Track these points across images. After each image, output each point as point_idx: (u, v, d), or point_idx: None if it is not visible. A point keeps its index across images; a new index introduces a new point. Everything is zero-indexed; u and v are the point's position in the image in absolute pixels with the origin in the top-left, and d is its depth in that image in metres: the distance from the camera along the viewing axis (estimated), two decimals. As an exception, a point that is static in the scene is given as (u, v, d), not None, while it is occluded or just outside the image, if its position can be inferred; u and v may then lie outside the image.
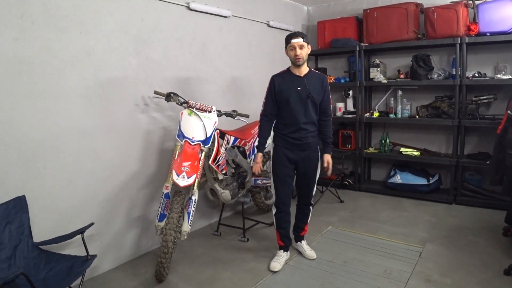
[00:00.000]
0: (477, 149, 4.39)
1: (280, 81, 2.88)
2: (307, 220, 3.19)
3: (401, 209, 4.24)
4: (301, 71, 2.85)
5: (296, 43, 2.74)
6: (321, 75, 2.96)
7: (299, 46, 2.74)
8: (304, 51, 2.77)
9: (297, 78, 2.84)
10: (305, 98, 2.81)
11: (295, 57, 2.77)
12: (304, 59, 2.79)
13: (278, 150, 2.94)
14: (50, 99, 2.56)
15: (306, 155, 2.92)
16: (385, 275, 2.81)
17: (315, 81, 2.86)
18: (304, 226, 3.20)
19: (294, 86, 2.82)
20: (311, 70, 2.91)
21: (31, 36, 2.43)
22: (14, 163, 2.40)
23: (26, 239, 2.34)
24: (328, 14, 5.31)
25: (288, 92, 2.83)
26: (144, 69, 3.18)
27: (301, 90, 2.81)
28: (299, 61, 2.77)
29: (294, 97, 2.82)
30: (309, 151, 2.92)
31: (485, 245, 3.24)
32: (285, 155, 2.91)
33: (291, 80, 2.85)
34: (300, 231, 3.21)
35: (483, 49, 4.25)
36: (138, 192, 3.23)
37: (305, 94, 2.80)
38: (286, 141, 2.90)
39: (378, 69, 4.75)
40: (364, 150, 4.98)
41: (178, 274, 2.93)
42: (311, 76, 2.87)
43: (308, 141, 2.89)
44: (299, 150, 2.90)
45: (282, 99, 2.85)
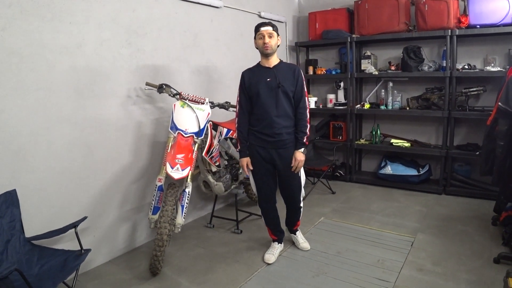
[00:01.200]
0: (466, 140, 4.45)
1: (249, 75, 2.80)
2: (299, 217, 3.13)
3: (392, 199, 4.29)
4: (270, 63, 2.76)
5: (265, 31, 2.66)
6: (293, 65, 2.87)
7: (268, 34, 2.66)
8: (273, 40, 2.67)
9: (267, 70, 2.75)
10: (275, 89, 2.69)
11: (264, 46, 2.66)
12: (273, 48, 2.69)
13: (252, 149, 2.83)
14: (40, 91, 2.50)
15: (281, 153, 2.78)
16: (378, 265, 2.84)
17: (285, 71, 2.76)
18: (296, 222, 3.15)
19: (263, 77, 2.73)
20: (281, 62, 2.82)
21: (20, 26, 2.36)
22: (4, 156, 2.35)
23: (18, 234, 2.30)
24: (319, 5, 5.29)
25: (258, 85, 2.72)
26: (136, 61, 3.13)
27: (270, 81, 2.71)
28: (268, 49, 2.67)
29: (264, 89, 2.71)
30: (285, 149, 2.78)
31: (474, 234, 3.30)
32: (259, 154, 2.80)
33: (260, 72, 2.76)
34: (293, 226, 3.18)
35: (473, 41, 4.29)
36: (131, 184, 3.20)
37: (275, 84, 2.69)
38: (259, 138, 2.78)
39: (369, 60, 4.76)
40: (355, 141, 5.00)
41: (172, 267, 2.93)
42: (281, 67, 2.77)
43: (283, 138, 2.75)
44: (273, 148, 2.77)
45: (253, 93, 2.75)
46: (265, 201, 2.97)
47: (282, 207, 3.10)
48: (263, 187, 2.92)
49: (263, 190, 2.93)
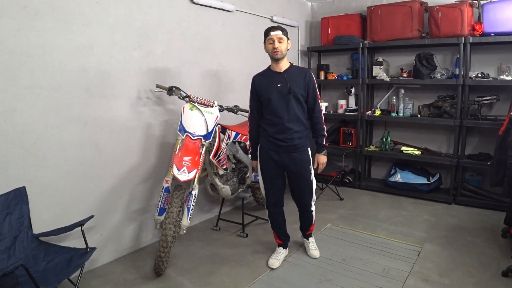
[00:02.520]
0: (478, 149, 4.38)
1: (260, 80, 2.81)
2: (312, 222, 3.10)
3: (400, 208, 4.25)
4: (281, 67, 2.74)
5: (275, 35, 2.64)
6: (304, 69, 2.84)
7: (278, 38, 2.64)
8: (283, 45, 2.66)
9: (277, 75, 2.74)
10: (287, 94, 2.68)
11: (273, 50, 2.65)
12: (283, 53, 2.67)
13: (264, 152, 2.84)
14: (52, 91, 2.55)
15: (293, 157, 2.78)
16: (384, 274, 2.82)
17: (296, 75, 2.74)
18: (309, 227, 3.13)
19: (274, 83, 2.72)
20: (292, 65, 2.80)
21: (34, 27, 2.42)
22: (15, 154, 2.40)
23: (26, 230, 2.35)
24: (332, 10, 5.29)
25: (269, 90, 2.72)
26: (147, 63, 3.17)
27: (281, 87, 2.69)
28: (277, 54, 2.66)
29: (275, 95, 2.70)
30: (297, 153, 2.78)
31: (483, 246, 3.24)
32: (271, 157, 2.80)
33: (271, 77, 2.75)
34: (306, 230, 3.16)
35: (487, 49, 4.23)
36: (138, 185, 3.23)
37: (286, 90, 2.68)
38: (272, 142, 2.78)
39: (381, 67, 4.73)
40: (365, 148, 4.97)
41: (176, 268, 2.94)
42: (292, 71, 2.75)
43: (295, 142, 2.75)
44: (284, 153, 2.77)
45: (264, 98, 2.75)
46: (273, 204, 2.97)
47: (290, 212, 3.10)
48: (271, 190, 2.92)
49: (272, 193, 2.93)
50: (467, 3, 3.99)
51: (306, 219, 3.08)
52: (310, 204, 2.99)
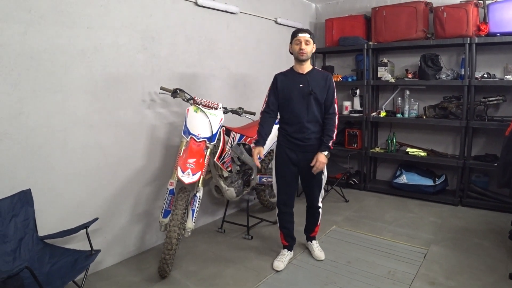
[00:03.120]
0: (485, 150, 4.35)
1: (282, 79, 2.86)
2: (317, 222, 3.15)
3: (406, 209, 4.22)
4: (304, 69, 2.82)
5: (303, 37, 2.72)
6: (325, 73, 2.91)
7: (305, 41, 2.72)
8: (309, 47, 2.74)
9: (300, 76, 2.81)
10: (307, 95, 2.76)
11: (300, 51, 2.73)
12: (308, 55, 2.75)
13: (281, 150, 2.91)
14: (57, 93, 2.57)
15: (309, 157, 2.83)
16: (389, 276, 2.80)
17: (318, 78, 2.82)
18: (314, 228, 3.17)
19: (296, 83, 2.79)
20: (314, 68, 2.89)
21: (39, 30, 2.43)
22: (20, 156, 2.41)
23: (31, 233, 2.36)
24: (336, 11, 5.28)
25: (290, 90, 2.80)
26: (151, 65, 3.18)
27: (303, 87, 2.77)
28: (303, 55, 2.74)
29: (296, 94, 2.78)
30: (312, 152, 2.84)
31: (490, 248, 3.21)
32: (287, 156, 2.87)
33: (293, 77, 2.82)
34: (310, 232, 3.19)
35: (493, 50, 4.19)
36: (143, 187, 3.24)
37: (307, 91, 2.76)
38: (289, 141, 2.86)
39: (386, 68, 4.71)
40: (370, 149, 4.95)
41: (181, 270, 2.94)
42: (314, 74, 2.83)
43: (312, 142, 2.83)
44: (301, 152, 2.85)
45: (285, 97, 2.82)
46: (284, 203, 2.99)
47: (296, 215, 3.10)
48: (284, 188, 2.96)
49: (284, 192, 2.97)
50: (472, 3, 3.96)
51: (313, 217, 3.12)
52: (318, 200, 3.04)
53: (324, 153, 2.82)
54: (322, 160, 2.80)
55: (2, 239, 2.20)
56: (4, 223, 2.23)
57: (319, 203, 3.07)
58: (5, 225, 2.23)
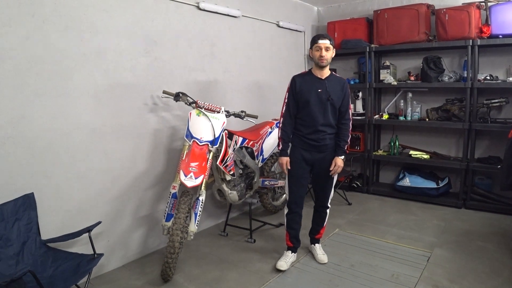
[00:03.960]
0: (488, 153, 4.33)
1: (301, 81, 2.89)
2: (324, 224, 3.17)
3: (409, 212, 4.21)
4: (323, 74, 2.86)
5: (323, 44, 2.76)
6: (342, 79, 2.97)
7: (325, 47, 2.76)
8: (329, 53, 2.78)
9: (318, 80, 2.85)
10: (325, 101, 2.81)
11: (320, 58, 2.77)
12: (328, 61, 2.80)
13: (295, 151, 2.94)
14: (60, 97, 2.58)
15: (323, 156, 2.92)
16: (392, 280, 2.78)
17: (335, 84, 2.86)
18: (320, 229, 3.19)
19: (314, 87, 2.83)
20: (332, 74, 2.92)
21: (42, 35, 2.45)
22: (24, 161, 2.42)
23: (34, 236, 2.36)
24: (338, 14, 5.29)
25: (309, 93, 2.83)
26: (154, 69, 3.19)
27: (321, 92, 2.81)
28: (323, 62, 2.78)
29: (314, 99, 2.82)
30: (326, 152, 2.92)
31: (494, 251, 3.19)
32: (302, 156, 2.91)
33: (312, 81, 2.86)
34: (316, 233, 3.20)
35: (495, 52, 4.19)
36: (146, 191, 3.24)
37: (325, 97, 2.81)
38: (304, 142, 2.90)
39: (388, 70, 4.71)
40: (373, 152, 4.94)
41: (184, 274, 2.94)
42: (332, 79, 2.87)
43: (326, 142, 2.89)
44: (316, 152, 2.90)
45: (302, 100, 2.85)
46: (295, 203, 3.01)
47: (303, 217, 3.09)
48: (296, 188, 2.99)
49: (296, 192, 3.00)
50: (474, 5, 3.96)
51: (320, 218, 3.15)
52: (328, 199, 3.09)
53: (341, 157, 2.92)
54: (340, 164, 2.90)
55: (5, 243, 2.21)
56: (7, 227, 2.24)
57: (329, 203, 3.11)
58: (8, 229, 2.24)
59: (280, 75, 4.48)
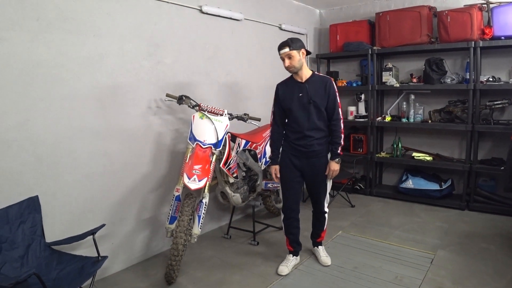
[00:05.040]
0: (491, 154, 4.32)
1: (283, 88, 2.87)
2: (323, 228, 3.14)
3: (412, 214, 4.20)
4: (302, 77, 2.79)
5: (283, 53, 2.69)
6: (325, 78, 2.85)
7: (286, 56, 2.68)
8: (294, 59, 2.68)
9: (298, 84, 2.80)
10: (307, 104, 2.75)
11: (287, 68, 2.74)
12: (296, 67, 2.71)
13: (285, 156, 2.92)
14: (64, 101, 2.60)
15: (313, 162, 2.86)
16: (396, 282, 2.78)
17: (317, 85, 2.78)
18: (320, 233, 3.16)
19: (295, 92, 2.79)
20: (314, 74, 2.84)
21: (46, 39, 2.47)
22: (28, 164, 2.44)
23: (39, 239, 2.37)
24: (340, 17, 5.30)
25: (291, 100, 2.80)
26: (157, 72, 3.21)
27: (302, 96, 2.77)
28: (291, 70, 2.74)
29: (296, 104, 2.78)
30: (316, 158, 2.85)
31: (498, 253, 3.18)
32: (291, 161, 2.88)
33: (293, 86, 2.82)
34: (317, 237, 3.18)
35: (498, 53, 4.19)
36: (149, 194, 3.25)
37: (307, 100, 2.75)
38: (293, 147, 2.87)
39: (391, 72, 4.71)
40: (375, 154, 4.94)
41: (188, 277, 2.94)
42: (313, 81, 2.79)
43: (314, 148, 2.82)
44: (304, 158, 2.86)
45: (286, 107, 2.84)
46: (290, 208, 2.99)
47: (302, 220, 3.10)
48: (290, 194, 2.96)
49: (290, 197, 2.97)
50: (476, 7, 3.97)
51: (319, 222, 3.11)
52: (324, 205, 3.02)
53: (335, 160, 2.85)
54: (334, 168, 2.86)
55: (10, 246, 2.22)
56: (12, 229, 2.25)
57: (325, 208, 3.06)
58: (13, 232, 2.26)
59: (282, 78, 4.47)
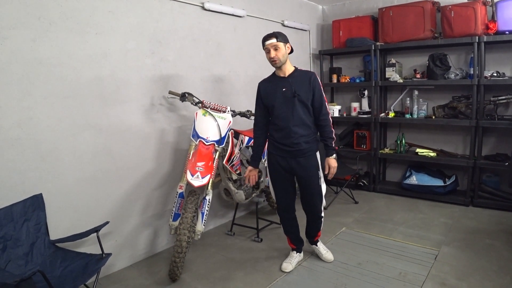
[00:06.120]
0: (495, 150, 4.30)
1: (265, 85, 2.78)
2: (319, 228, 3.05)
3: (416, 210, 4.19)
4: (285, 72, 2.70)
5: (270, 44, 2.59)
6: (309, 72, 2.76)
7: (273, 47, 2.59)
8: (280, 52, 2.60)
9: (281, 79, 2.71)
10: (291, 98, 2.64)
11: (271, 60, 2.63)
12: (281, 60, 2.62)
13: (271, 158, 2.82)
14: (67, 99, 2.60)
15: (300, 162, 2.72)
16: (400, 278, 2.78)
17: (301, 79, 2.68)
18: (316, 233, 3.09)
19: (278, 88, 2.69)
20: (297, 69, 2.75)
21: (49, 37, 2.47)
22: (32, 162, 2.45)
23: (43, 237, 2.39)
24: (343, 13, 5.28)
25: (273, 96, 2.70)
26: (160, 70, 3.21)
27: (286, 91, 2.66)
28: (275, 63, 2.63)
29: (280, 99, 2.67)
30: (303, 158, 2.72)
31: (502, 249, 3.17)
32: (278, 163, 2.78)
33: (275, 82, 2.73)
34: (313, 237, 3.11)
35: (502, 48, 4.15)
36: (153, 191, 3.26)
37: (291, 94, 2.64)
38: (278, 148, 2.75)
39: (394, 68, 4.69)
40: (379, 150, 4.92)
41: (191, 273, 2.95)
42: (296, 75, 2.70)
43: (301, 147, 2.69)
44: (291, 158, 2.73)
45: (269, 104, 2.73)
46: (283, 209, 2.95)
47: (303, 216, 3.08)
48: (282, 196, 2.90)
49: (282, 199, 2.92)
50: (480, 2, 3.93)
51: (314, 226, 3.02)
52: (320, 210, 2.92)
53: (332, 157, 2.79)
54: (333, 165, 2.78)
55: (14, 243, 2.24)
56: (16, 227, 2.27)
57: (322, 213, 2.95)
58: (18, 230, 2.27)
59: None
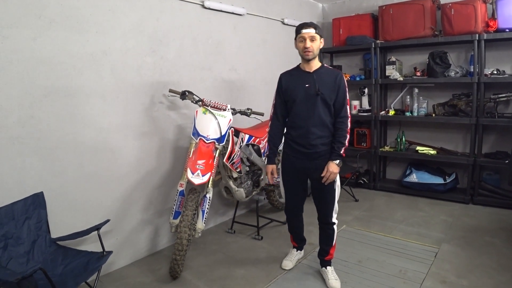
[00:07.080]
0: (495, 148, 4.30)
1: (287, 78, 2.63)
2: (332, 243, 2.76)
3: (416, 208, 4.19)
4: (311, 67, 2.54)
5: (307, 33, 2.44)
6: (335, 71, 2.59)
7: (310, 37, 2.44)
8: (315, 44, 2.46)
9: (306, 74, 2.54)
10: (314, 96, 2.48)
11: (304, 50, 2.46)
12: (314, 53, 2.47)
13: (286, 158, 2.70)
14: (67, 98, 2.60)
15: (316, 165, 2.57)
16: (400, 275, 2.78)
17: (327, 77, 2.52)
18: (329, 249, 2.78)
19: (302, 83, 2.53)
20: (323, 66, 2.59)
21: (49, 36, 2.47)
22: (33, 160, 2.45)
23: (44, 235, 2.39)
24: (343, 11, 5.27)
25: (296, 90, 2.54)
26: (160, 68, 3.21)
27: (309, 87, 2.50)
28: (308, 55, 2.47)
29: (302, 95, 2.52)
30: (319, 160, 2.56)
31: (502, 247, 3.18)
32: (293, 165, 2.65)
33: (299, 76, 2.57)
34: (325, 255, 2.80)
35: (502, 46, 4.15)
36: (153, 189, 3.27)
37: (314, 91, 2.48)
38: (294, 149, 2.61)
39: (394, 66, 4.69)
40: (379, 148, 4.93)
41: (192, 271, 2.96)
42: (322, 72, 2.54)
43: (318, 149, 2.54)
44: (307, 160, 2.58)
45: (289, 98, 2.58)
46: (291, 210, 2.90)
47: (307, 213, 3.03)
48: (292, 196, 2.82)
49: (292, 199, 2.83)
50: None
51: (326, 235, 2.77)
52: (331, 215, 2.71)
53: (335, 161, 2.53)
54: (333, 170, 2.52)
55: (16, 241, 2.24)
56: (17, 225, 2.27)
57: (333, 219, 2.73)
58: (19, 228, 2.27)
59: (285, 72, 4.50)
